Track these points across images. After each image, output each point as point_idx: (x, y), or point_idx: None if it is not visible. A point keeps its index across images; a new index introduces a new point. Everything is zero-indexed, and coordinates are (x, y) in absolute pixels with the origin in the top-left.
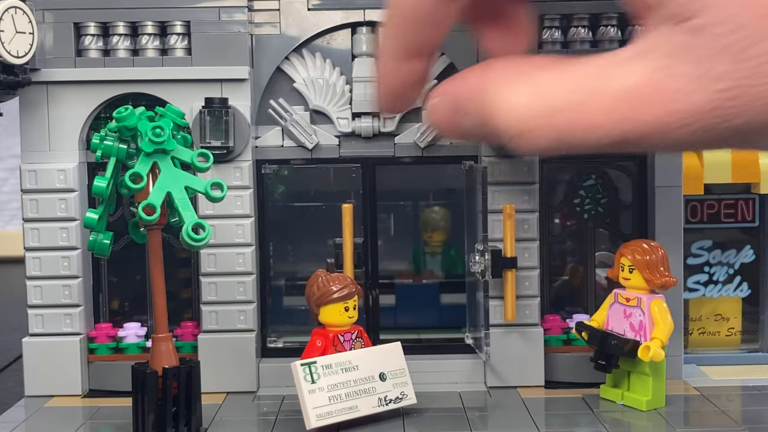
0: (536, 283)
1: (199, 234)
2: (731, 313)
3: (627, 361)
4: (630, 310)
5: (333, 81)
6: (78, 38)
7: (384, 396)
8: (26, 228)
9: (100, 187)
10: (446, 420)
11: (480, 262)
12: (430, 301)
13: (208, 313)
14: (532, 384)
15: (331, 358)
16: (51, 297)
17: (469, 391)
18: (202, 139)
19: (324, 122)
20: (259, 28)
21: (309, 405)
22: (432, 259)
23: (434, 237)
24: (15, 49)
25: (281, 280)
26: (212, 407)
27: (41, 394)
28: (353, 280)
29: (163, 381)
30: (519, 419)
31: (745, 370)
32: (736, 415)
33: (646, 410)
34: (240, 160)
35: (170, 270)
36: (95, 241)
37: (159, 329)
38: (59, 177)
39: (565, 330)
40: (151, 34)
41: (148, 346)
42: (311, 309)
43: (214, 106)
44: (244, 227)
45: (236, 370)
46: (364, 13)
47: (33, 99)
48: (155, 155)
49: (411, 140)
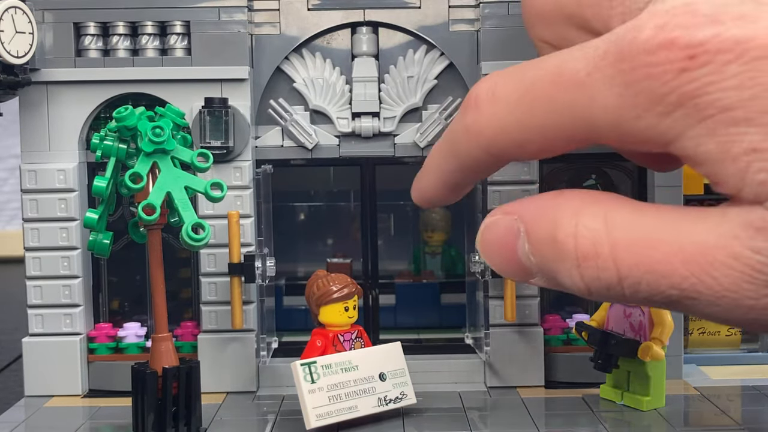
0: None
1: (199, 234)
2: None
3: (627, 361)
4: (630, 310)
5: (333, 81)
6: (78, 38)
7: (384, 396)
8: (26, 228)
9: (100, 187)
10: (446, 420)
11: (480, 262)
12: (430, 301)
13: (208, 313)
14: (532, 384)
15: (331, 358)
16: (51, 297)
17: (469, 391)
18: (202, 139)
19: (324, 122)
20: (259, 28)
21: (309, 405)
22: (432, 259)
23: (434, 237)
24: (15, 49)
25: (281, 280)
26: (212, 407)
27: (41, 394)
28: (353, 280)
29: (163, 381)
30: (519, 419)
31: (745, 370)
32: (736, 415)
33: (646, 410)
34: (240, 160)
35: (170, 270)
36: (95, 241)
37: (159, 329)
38: (59, 177)
39: (565, 330)
40: (151, 34)
41: (148, 346)
42: (311, 309)
43: (214, 106)
44: (244, 227)
45: (236, 370)
46: (364, 13)
47: (33, 99)
48: (155, 155)
49: (411, 140)
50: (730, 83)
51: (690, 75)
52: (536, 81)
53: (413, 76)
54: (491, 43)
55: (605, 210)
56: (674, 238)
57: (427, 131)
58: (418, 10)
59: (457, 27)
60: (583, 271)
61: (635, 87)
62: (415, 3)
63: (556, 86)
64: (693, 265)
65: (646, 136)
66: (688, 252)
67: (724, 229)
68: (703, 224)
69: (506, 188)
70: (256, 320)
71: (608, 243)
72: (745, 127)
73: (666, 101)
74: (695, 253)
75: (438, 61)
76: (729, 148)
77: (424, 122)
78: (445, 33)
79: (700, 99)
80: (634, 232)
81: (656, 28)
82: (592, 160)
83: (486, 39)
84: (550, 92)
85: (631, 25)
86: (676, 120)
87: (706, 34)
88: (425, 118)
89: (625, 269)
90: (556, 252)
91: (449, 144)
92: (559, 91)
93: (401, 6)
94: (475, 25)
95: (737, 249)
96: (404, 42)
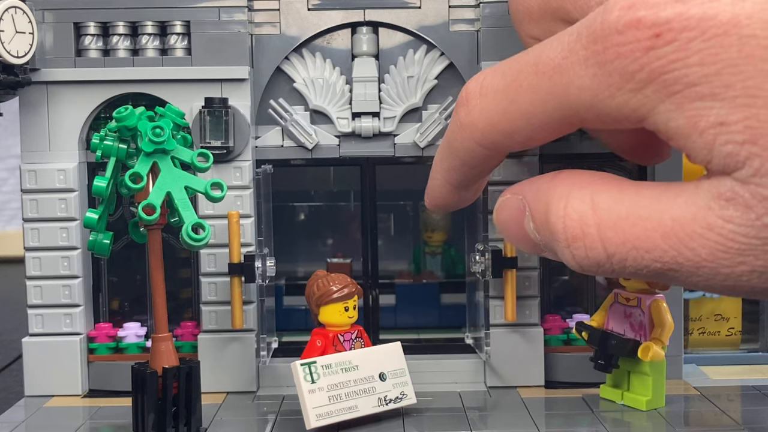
0: (536, 283)
1: (199, 234)
2: (731, 313)
3: (627, 361)
4: (630, 310)
5: (333, 81)
6: (78, 38)
7: (384, 396)
8: (26, 228)
9: (100, 187)
10: (446, 420)
11: (480, 262)
12: (430, 301)
13: (208, 313)
14: (532, 384)
15: (331, 358)
16: (51, 297)
17: (469, 391)
18: (202, 139)
19: (324, 122)
20: (259, 28)
21: (309, 405)
22: (432, 259)
23: (434, 237)
24: (15, 49)
25: (281, 280)
26: (212, 407)
27: (41, 394)
28: (353, 280)
29: (163, 381)
30: (519, 419)
31: (745, 370)
32: (736, 415)
33: (646, 410)
34: (240, 160)
35: (170, 270)
36: (95, 241)
37: (159, 329)
38: (59, 177)
39: (565, 330)
40: (151, 34)
41: (148, 346)
42: (311, 309)
43: (214, 106)
44: (244, 227)
45: (236, 370)
46: (364, 13)
47: (33, 99)
48: (155, 155)
49: (411, 140)
50: (694, 59)
51: (657, 53)
52: (520, 72)
53: (413, 76)
54: (491, 43)
55: (592, 192)
56: (654, 214)
57: (427, 131)
58: (418, 10)
59: (457, 27)
60: (573, 251)
61: (607, 67)
62: (415, 3)
63: (537, 74)
64: (672, 238)
65: (621, 114)
66: (667, 226)
67: (699, 202)
68: (680, 199)
69: (506, 188)
70: (256, 320)
71: (595, 224)
72: (710, 101)
73: (636, 78)
74: (674, 227)
75: (438, 61)
76: (696, 122)
77: (424, 122)
78: (445, 33)
79: (667, 75)
80: (619, 211)
81: (624, 9)
82: (593, 160)
83: (486, 39)
84: (532, 81)
85: (601, 8)
86: (647, 96)
87: (670, 12)
88: (425, 118)
89: (611, 247)
90: (550, 233)
91: (448, 143)
92: (540, 79)
93: (401, 6)
94: (475, 25)
95: (711, 220)
96: (404, 42)
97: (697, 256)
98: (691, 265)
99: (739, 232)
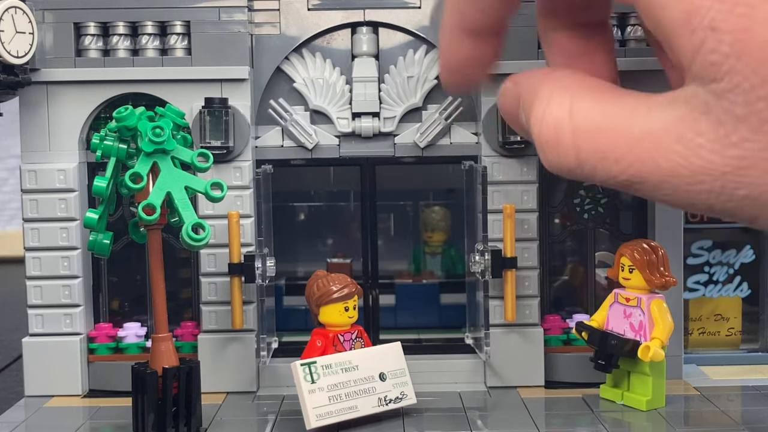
0: (536, 283)
1: (199, 234)
2: (731, 313)
3: (627, 361)
4: (630, 310)
5: (333, 81)
6: (78, 38)
7: (384, 396)
8: (26, 228)
9: (100, 187)
10: (446, 420)
11: (480, 262)
12: (430, 301)
13: (208, 313)
14: (532, 384)
15: (331, 358)
16: (51, 297)
17: (469, 391)
18: (202, 139)
19: (324, 122)
20: (259, 28)
21: (309, 405)
22: (432, 259)
23: (434, 237)
24: (15, 49)
25: (281, 280)
26: (212, 407)
27: (41, 394)
28: (353, 280)
29: (163, 381)
30: (519, 419)
31: (745, 370)
32: (736, 415)
33: (646, 410)
34: (240, 160)
35: (170, 270)
36: (95, 241)
37: (159, 329)
38: (59, 177)
39: (565, 330)
40: (151, 34)
41: (148, 346)
42: (311, 309)
43: (214, 106)
44: (244, 227)
45: (236, 370)
46: (364, 13)
47: (33, 99)
48: (155, 155)
49: (411, 140)
50: None
51: None
52: None
53: (413, 76)
54: None
55: (572, 97)
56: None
57: (427, 131)
58: (418, 10)
59: None
60: (546, 154)
61: None
62: (415, 3)
63: None
64: (639, 150)
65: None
66: (635, 137)
67: (673, 113)
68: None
69: (506, 188)
70: (256, 320)
71: (570, 131)
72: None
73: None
74: (642, 138)
75: (438, 61)
76: (690, 19)
77: (424, 122)
78: None
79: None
80: (594, 120)
81: None
82: None
83: None
84: None
85: None
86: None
87: None
88: (425, 118)
89: (583, 155)
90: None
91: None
92: None
93: (401, 6)
94: None
95: (681, 132)
96: (404, 42)
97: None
98: (655, 178)
99: (707, 147)
